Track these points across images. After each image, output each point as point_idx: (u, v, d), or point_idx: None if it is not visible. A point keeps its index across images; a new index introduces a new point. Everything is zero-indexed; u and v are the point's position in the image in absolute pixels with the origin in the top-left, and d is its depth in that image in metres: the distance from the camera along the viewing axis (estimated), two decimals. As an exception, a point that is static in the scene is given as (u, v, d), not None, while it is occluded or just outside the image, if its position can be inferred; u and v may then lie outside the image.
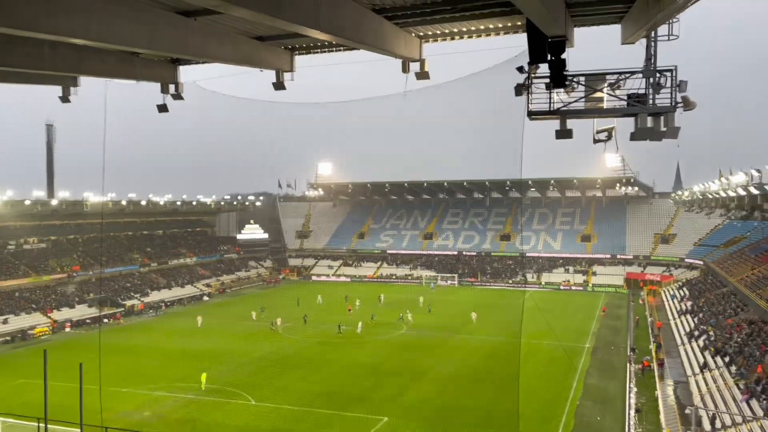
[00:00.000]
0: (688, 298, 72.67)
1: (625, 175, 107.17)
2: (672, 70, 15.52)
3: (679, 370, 46.60)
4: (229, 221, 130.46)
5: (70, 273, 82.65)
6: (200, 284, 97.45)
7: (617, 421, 36.84)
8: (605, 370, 48.56)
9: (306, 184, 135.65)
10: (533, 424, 35.91)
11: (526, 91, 16.55)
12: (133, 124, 58.29)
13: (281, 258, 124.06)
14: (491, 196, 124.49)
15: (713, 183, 73.53)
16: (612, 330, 64.23)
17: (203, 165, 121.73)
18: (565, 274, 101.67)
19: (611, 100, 16.17)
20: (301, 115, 65.94)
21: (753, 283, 57.80)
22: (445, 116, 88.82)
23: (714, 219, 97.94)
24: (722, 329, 51.44)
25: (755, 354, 41.49)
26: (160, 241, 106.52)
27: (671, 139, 15.67)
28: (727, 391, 38.10)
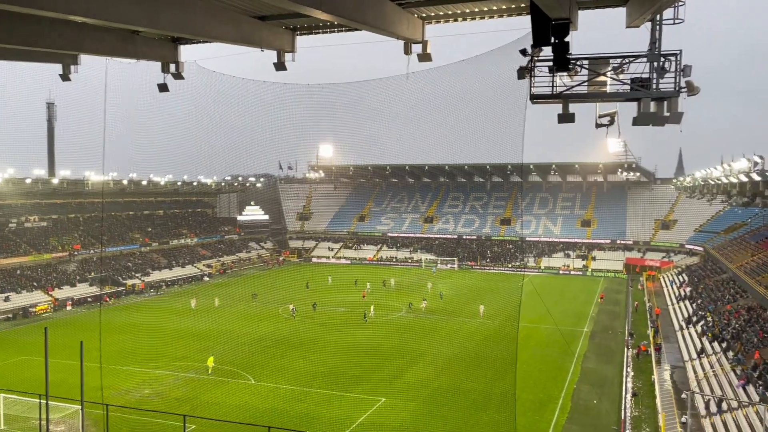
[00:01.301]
0: (687, 284, 72.86)
1: (626, 161, 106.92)
2: (677, 54, 15.38)
3: (676, 355, 46.85)
4: (229, 202, 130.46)
5: (71, 252, 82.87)
6: (201, 264, 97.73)
7: (613, 405, 37.13)
8: (603, 355, 48.84)
9: (307, 166, 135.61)
10: (530, 407, 36.19)
11: (529, 74, 16.41)
12: (134, 104, 57.94)
13: (282, 240, 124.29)
14: (492, 180, 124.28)
15: (715, 169, 73.23)
16: (610, 315, 64.49)
17: (204, 145, 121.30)
18: (565, 258, 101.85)
19: (614, 84, 16.03)
20: (301, 97, 65.45)
21: (752, 269, 57.91)
22: (446, 99, 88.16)
23: (715, 205, 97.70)
24: (720, 315, 51.64)
25: (753, 340, 41.69)
26: (161, 221, 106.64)
27: (674, 124, 15.55)
28: (724, 376, 38.33)
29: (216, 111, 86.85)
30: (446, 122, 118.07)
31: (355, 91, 79.50)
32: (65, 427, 32.25)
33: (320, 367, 44.58)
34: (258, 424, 30.08)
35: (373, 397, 38.10)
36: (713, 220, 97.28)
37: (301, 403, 37.04)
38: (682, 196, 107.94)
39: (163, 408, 34.66)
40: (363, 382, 41.07)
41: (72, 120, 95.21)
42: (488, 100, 67.18)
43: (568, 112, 16.32)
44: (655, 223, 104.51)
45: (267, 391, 39.33)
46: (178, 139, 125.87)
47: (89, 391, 29.37)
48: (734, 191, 70.25)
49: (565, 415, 35.50)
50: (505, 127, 44.02)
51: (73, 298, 71.44)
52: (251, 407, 36.24)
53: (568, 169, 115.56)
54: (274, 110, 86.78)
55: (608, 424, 34.20)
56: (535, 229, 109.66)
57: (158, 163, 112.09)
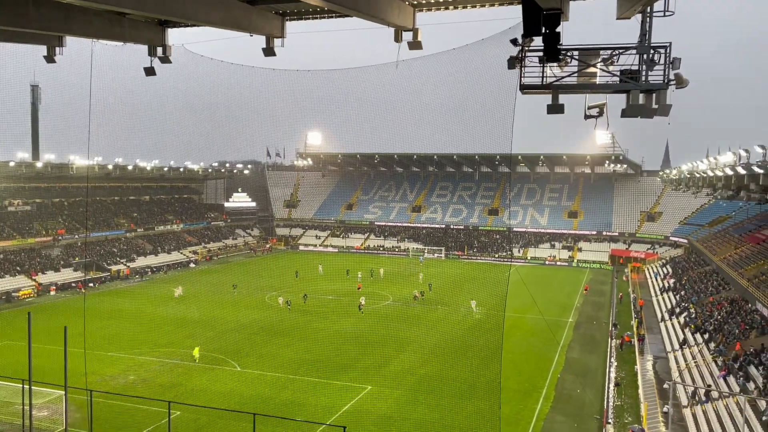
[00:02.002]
0: (671, 275, 73.63)
1: (614, 152, 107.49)
2: (666, 46, 15.40)
3: (659, 345, 47.40)
4: (216, 189, 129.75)
5: (55, 236, 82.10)
6: (187, 251, 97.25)
7: (597, 394, 37.54)
8: (587, 345, 49.31)
9: (295, 154, 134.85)
10: (515, 395, 36.50)
11: (520, 64, 16.37)
12: (120, 87, 57.15)
13: (269, 227, 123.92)
14: (480, 170, 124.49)
15: (701, 162, 73.86)
16: (595, 305, 65.07)
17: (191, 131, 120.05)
18: (551, 249, 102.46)
19: (604, 76, 16.04)
20: (290, 83, 64.93)
21: (735, 262, 58.60)
22: (436, 88, 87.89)
23: (700, 198, 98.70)
24: (703, 307, 52.26)
25: (734, 332, 42.27)
26: (146, 206, 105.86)
27: (662, 116, 15.61)
28: (706, 367, 38.87)
29: (203, 96, 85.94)
30: (435, 111, 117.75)
31: (345, 79, 78.93)
32: (48, 412, 32.08)
33: (306, 354, 44.63)
34: (243, 410, 30.07)
35: (359, 384, 38.23)
36: (698, 212, 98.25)
37: (287, 391, 37.09)
38: (668, 189, 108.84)
39: (148, 394, 34.57)
40: (349, 369, 41.18)
41: (57, 103, 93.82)
42: (478, 89, 67.02)
43: (558, 102, 16.31)
44: (641, 215, 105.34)
45: (252, 378, 39.33)
46: (165, 124, 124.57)
47: (73, 376, 29.20)
48: (719, 184, 70.91)
49: (549, 404, 35.86)
50: (495, 117, 43.98)
51: (56, 283, 70.86)
52: (236, 394, 36.23)
53: (556, 161, 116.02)
54: (262, 96, 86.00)
55: (591, 413, 34.60)
56: (522, 220, 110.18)
57: (144, 148, 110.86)
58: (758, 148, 54.31)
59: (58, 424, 29.88)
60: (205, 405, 32.22)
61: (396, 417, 33.25)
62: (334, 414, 33.32)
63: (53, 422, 30.73)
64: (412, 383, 38.73)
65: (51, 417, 31.44)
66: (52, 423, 30.69)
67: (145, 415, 32.18)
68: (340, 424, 27.85)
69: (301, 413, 32.93)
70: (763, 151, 53.83)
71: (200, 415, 31.89)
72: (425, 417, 33.27)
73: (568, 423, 33.25)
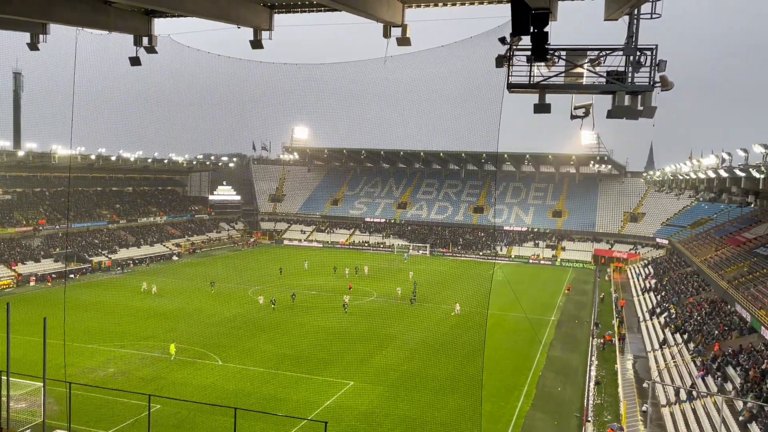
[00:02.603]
0: (652, 276, 74.37)
1: (599, 153, 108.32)
2: (653, 49, 15.50)
3: (639, 345, 47.88)
4: (201, 181, 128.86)
5: (35, 226, 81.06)
6: (170, 243, 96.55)
7: (577, 392, 37.85)
8: (568, 343, 49.69)
9: (281, 147, 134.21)
10: (496, 393, 36.69)
11: (507, 62, 16.39)
12: (104, 77, 56.46)
13: (253, 221, 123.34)
14: (467, 168, 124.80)
15: (684, 164, 74.65)
16: (577, 304, 65.56)
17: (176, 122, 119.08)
18: (535, 248, 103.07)
19: (591, 77, 16.11)
20: (277, 76, 64.58)
21: (716, 264, 59.32)
22: (424, 85, 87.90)
23: (683, 200, 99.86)
24: (683, 307, 52.86)
25: (713, 332, 42.81)
26: (129, 198, 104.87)
27: (647, 118, 15.72)
28: (685, 367, 39.33)
29: (189, 87, 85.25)
30: (423, 108, 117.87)
31: (332, 73, 78.89)
32: (26, 404, 31.70)
33: (289, 349, 44.51)
34: (224, 405, 29.94)
35: (341, 380, 38.21)
36: (680, 214, 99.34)
37: (269, 385, 36.98)
38: (651, 190, 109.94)
39: (128, 387, 34.26)
40: (332, 365, 41.15)
41: (40, 91, 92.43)
42: (466, 87, 67.27)
43: (545, 102, 16.36)
44: (624, 216, 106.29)
45: (234, 373, 39.16)
46: (150, 115, 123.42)
47: (52, 368, 28.86)
48: (702, 187, 71.76)
49: (530, 402, 36.10)
50: (482, 115, 44.12)
51: (36, 273, 70.01)
52: (218, 388, 36.06)
53: (541, 160, 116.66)
54: (249, 89, 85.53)
55: (571, 411, 34.88)
56: (507, 218, 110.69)
57: (128, 139, 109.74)
58: (741, 152, 55.03)
59: (36, 417, 29.52)
60: (185, 399, 32.01)
61: (378, 413, 33.29)
62: (316, 409, 33.29)
63: (31, 414, 30.36)
64: (395, 379, 38.80)
65: (29, 409, 31.07)
66: (31, 415, 30.33)
67: (125, 408, 31.92)
68: (322, 419, 27.79)
69: (282, 408, 32.86)
70: (745, 154, 54.55)
71: (181, 409, 31.71)
72: (407, 413, 33.34)
73: (548, 421, 33.50)
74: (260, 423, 30.36)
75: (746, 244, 60.39)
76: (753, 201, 66.38)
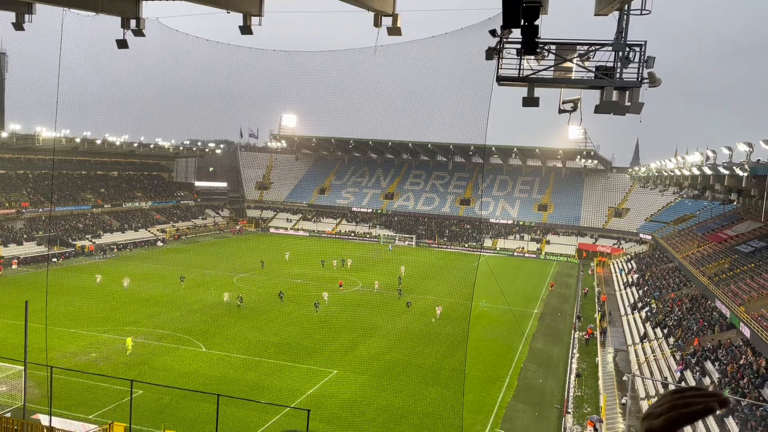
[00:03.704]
0: (635, 270, 75.16)
1: (585, 148, 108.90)
2: (642, 45, 15.60)
3: (620, 339, 48.46)
4: (187, 167, 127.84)
5: (18, 209, 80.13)
6: (155, 229, 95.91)
7: (558, 384, 38.28)
8: (551, 336, 50.16)
9: (269, 135, 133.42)
10: (478, 383, 37.00)
11: (497, 55, 16.42)
12: (91, 59, 55.77)
13: (239, 208, 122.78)
14: (454, 159, 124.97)
15: (670, 161, 75.33)
16: (560, 297, 66.13)
17: (163, 107, 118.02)
18: (520, 241, 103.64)
19: (579, 71, 16.19)
20: (267, 63, 64.10)
21: (697, 260, 60.05)
22: (413, 75, 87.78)
23: (667, 196, 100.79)
24: (664, 303, 53.53)
25: (693, 328, 43.42)
26: (114, 182, 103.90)
27: (634, 114, 15.84)
28: (664, 361, 39.89)
29: (177, 72, 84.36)
30: (412, 99, 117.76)
31: (322, 61, 78.35)
32: (7, 387, 31.51)
33: (273, 337, 44.53)
34: (207, 391, 29.93)
35: (324, 368, 38.33)
36: (664, 210, 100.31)
37: (252, 372, 37.00)
38: (636, 186, 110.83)
39: (110, 372, 34.14)
40: (315, 353, 41.24)
41: (24, 72, 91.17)
42: (455, 79, 67.23)
43: (533, 96, 16.44)
44: (609, 211, 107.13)
45: (217, 359, 39.12)
46: (136, 99, 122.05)
47: (33, 352, 28.71)
48: (686, 183, 72.45)
49: (512, 393, 36.46)
50: (470, 107, 44.20)
51: (19, 257, 69.30)
52: (201, 374, 36.03)
53: (528, 153, 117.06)
54: (237, 75, 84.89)
55: (552, 403, 35.28)
56: (493, 211, 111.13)
57: (114, 123, 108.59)
58: (725, 150, 55.63)
59: (16, 400, 29.37)
60: (168, 385, 31.95)
61: (360, 402, 33.46)
62: (299, 397, 33.39)
63: (11, 398, 30.20)
64: (378, 369, 38.98)
65: (9, 393, 30.89)
66: (11, 398, 30.16)
67: (107, 394, 31.82)
68: (305, 407, 27.92)
69: (265, 395, 32.90)
70: (729, 152, 55.15)
71: (163, 395, 31.65)
72: (390, 402, 33.55)
73: (529, 411, 33.87)
74: (243, 410, 30.42)
75: (728, 241, 61.18)
76: (736, 199, 67.17)
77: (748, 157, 49.13)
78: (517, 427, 31.70)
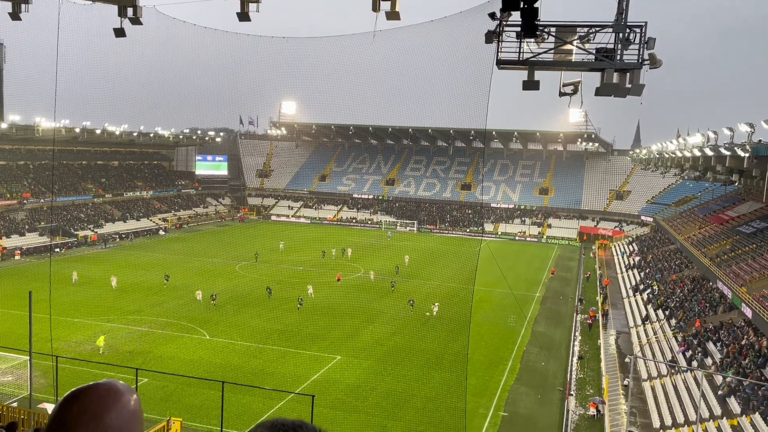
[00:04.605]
0: (636, 253, 75.22)
1: (586, 131, 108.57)
2: (642, 26, 15.49)
3: (622, 321, 48.63)
4: (187, 156, 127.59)
5: (20, 200, 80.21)
6: (156, 218, 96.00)
7: (560, 367, 38.48)
8: (552, 319, 50.33)
9: (268, 122, 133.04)
10: (481, 367, 37.20)
11: (497, 38, 16.32)
12: (89, 48, 55.52)
13: (240, 196, 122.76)
14: (455, 144, 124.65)
15: (671, 143, 75.10)
16: (562, 281, 66.27)
17: (162, 96, 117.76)
18: (522, 225, 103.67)
19: (580, 54, 16.10)
20: (265, 50, 63.83)
21: (699, 241, 60.08)
22: (413, 60, 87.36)
23: (668, 178, 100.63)
24: (666, 284, 53.64)
25: (695, 309, 43.55)
26: (115, 172, 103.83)
27: (635, 96, 15.77)
28: (666, 342, 40.05)
29: (175, 60, 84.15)
30: (411, 84, 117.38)
31: (321, 47, 78.05)
32: (13, 377, 31.75)
33: (276, 324, 44.72)
34: (212, 378, 30.14)
35: (328, 354, 38.53)
36: (665, 192, 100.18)
37: (256, 359, 37.21)
38: (637, 168, 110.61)
39: (115, 361, 34.36)
40: (319, 340, 41.43)
41: (22, 62, 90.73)
42: (455, 63, 66.89)
43: (533, 79, 16.36)
44: (610, 194, 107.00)
45: (221, 347, 39.33)
46: (135, 88, 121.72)
47: (38, 342, 28.87)
48: (687, 165, 72.30)
49: (514, 376, 36.67)
50: (470, 91, 43.96)
51: (21, 247, 69.47)
52: (205, 362, 36.24)
53: (529, 137, 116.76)
54: (236, 62, 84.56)
55: (554, 385, 35.49)
56: (494, 195, 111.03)
57: (113, 112, 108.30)
58: (726, 131, 55.42)
59: (22, 390, 29.58)
60: (173, 372, 32.15)
61: (364, 386, 33.67)
62: (304, 383, 33.60)
63: (18, 387, 30.43)
64: (382, 354, 39.18)
65: (15, 382, 31.13)
66: (17, 388, 30.39)
67: (112, 382, 31.99)
68: (309, 393, 28.10)
69: (270, 382, 33.12)
70: (731, 133, 54.96)
71: (168, 383, 31.87)
72: (393, 387, 33.76)
73: (532, 394, 34.08)
74: (248, 396, 30.64)
75: (729, 222, 61.17)
76: (737, 180, 67.07)
77: (749, 137, 48.98)
78: (520, 410, 31.92)
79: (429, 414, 30.59)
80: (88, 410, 2.08)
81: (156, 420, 25.36)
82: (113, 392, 2.16)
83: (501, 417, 30.95)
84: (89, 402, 2.11)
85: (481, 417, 30.65)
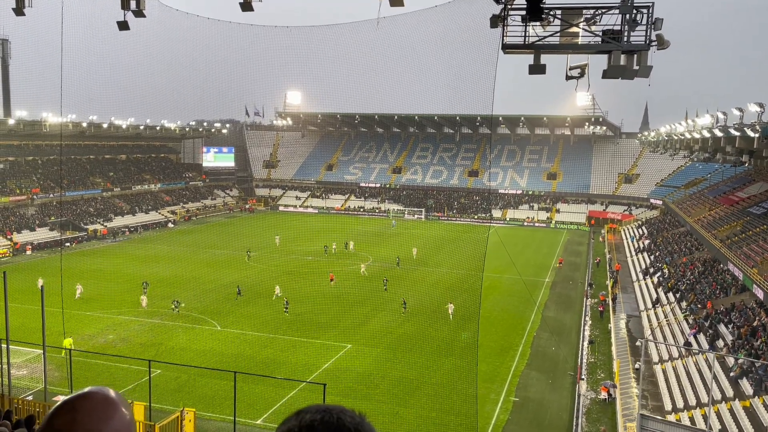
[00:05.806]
0: (646, 236, 74.87)
1: (594, 114, 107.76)
2: (649, 6, 15.29)
3: (632, 305, 48.50)
4: (194, 148, 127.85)
5: (29, 195, 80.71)
6: (165, 211, 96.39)
7: (571, 352, 38.47)
8: (562, 304, 50.27)
9: (274, 113, 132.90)
10: (492, 353, 37.25)
11: (502, 23, 16.17)
12: (93, 42, 55.57)
13: (248, 187, 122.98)
14: (461, 131, 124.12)
15: (679, 124, 74.44)
16: (571, 266, 66.09)
17: (167, 88, 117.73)
18: (530, 210, 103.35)
19: (586, 36, 15.93)
20: (268, 40, 63.58)
21: (709, 223, 59.71)
22: (418, 47, 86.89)
23: (677, 160, 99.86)
24: (676, 267, 53.39)
25: (705, 291, 43.35)
26: (123, 165, 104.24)
27: (643, 78, 15.60)
28: (677, 325, 39.93)
29: (179, 52, 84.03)
30: (417, 71, 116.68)
31: (324, 36, 77.69)
32: (27, 371, 32.07)
33: (286, 314, 44.88)
34: (224, 369, 30.33)
35: (338, 343, 38.69)
36: (674, 174, 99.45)
37: (267, 349, 37.43)
38: (646, 151, 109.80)
39: (128, 353, 34.63)
40: (329, 329, 41.59)
41: (28, 58, 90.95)
42: (460, 49, 66.53)
43: (540, 63, 16.20)
44: (619, 177, 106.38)
45: (233, 338, 39.57)
46: (140, 82, 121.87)
47: (51, 335, 29.14)
48: (696, 147, 71.66)
49: (525, 361, 36.70)
50: (476, 77, 43.71)
51: (33, 242, 69.99)
52: (217, 353, 36.48)
53: (536, 122, 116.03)
54: (240, 53, 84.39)
55: (565, 370, 35.50)
56: (502, 181, 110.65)
57: (120, 106, 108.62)
58: (736, 111, 54.86)
59: (37, 383, 29.91)
60: (185, 363, 32.40)
61: (375, 374, 33.81)
62: (315, 372, 33.77)
63: (33, 381, 30.76)
64: (391, 342, 39.30)
65: (30, 376, 31.45)
66: (32, 382, 30.72)
67: (126, 374, 32.31)
68: (321, 381, 28.23)
69: (281, 371, 33.32)
70: (740, 113, 54.39)
71: (181, 374, 32.12)
72: (404, 374, 33.88)
73: (543, 379, 34.12)
74: (260, 386, 30.83)
75: (739, 204, 60.71)
76: (747, 160, 66.43)
77: (759, 117, 48.45)
78: (531, 395, 31.98)
79: (440, 400, 30.70)
80: (81, 422, 1.86)
81: (170, 411, 25.60)
82: (108, 402, 1.94)
83: (512, 402, 31.03)
84: (83, 414, 1.89)
85: (493, 402, 30.74)
